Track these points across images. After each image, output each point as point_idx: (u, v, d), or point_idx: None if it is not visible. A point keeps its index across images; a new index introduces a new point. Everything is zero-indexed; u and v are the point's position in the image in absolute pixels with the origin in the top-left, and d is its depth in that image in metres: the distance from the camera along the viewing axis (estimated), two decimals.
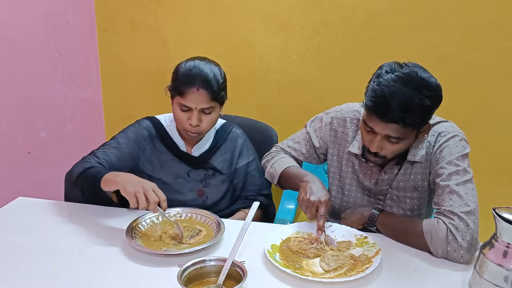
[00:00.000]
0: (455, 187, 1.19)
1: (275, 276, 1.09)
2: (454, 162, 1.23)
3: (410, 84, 1.15)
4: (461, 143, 1.27)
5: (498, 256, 0.97)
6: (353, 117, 1.43)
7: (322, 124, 1.48)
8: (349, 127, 1.43)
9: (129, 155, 1.48)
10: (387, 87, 1.15)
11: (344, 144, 1.44)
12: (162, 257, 1.15)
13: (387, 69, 1.19)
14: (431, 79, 1.18)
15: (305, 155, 1.51)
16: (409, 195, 1.38)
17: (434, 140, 1.30)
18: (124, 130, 1.53)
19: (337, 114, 1.46)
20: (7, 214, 1.37)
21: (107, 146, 1.47)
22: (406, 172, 1.35)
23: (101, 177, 1.28)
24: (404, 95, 1.14)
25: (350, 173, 1.45)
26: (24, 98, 1.94)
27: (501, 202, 1.13)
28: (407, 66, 1.19)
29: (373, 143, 1.23)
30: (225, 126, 1.60)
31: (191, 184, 1.53)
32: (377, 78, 1.19)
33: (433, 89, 1.17)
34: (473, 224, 1.14)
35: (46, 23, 2.01)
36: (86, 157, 1.43)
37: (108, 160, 1.43)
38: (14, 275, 1.06)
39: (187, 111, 1.40)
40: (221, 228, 1.25)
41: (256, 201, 1.24)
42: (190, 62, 1.42)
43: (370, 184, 1.41)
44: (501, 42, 1.94)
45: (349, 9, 2.04)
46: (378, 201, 1.43)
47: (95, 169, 1.33)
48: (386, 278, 1.10)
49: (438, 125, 1.33)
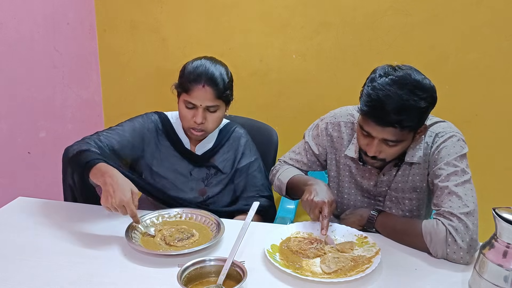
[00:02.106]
0: (454, 188, 1.19)
1: (275, 276, 1.09)
2: (453, 163, 1.23)
3: (405, 86, 1.15)
4: (458, 143, 1.27)
5: (498, 256, 0.97)
6: (347, 121, 1.44)
7: (318, 131, 1.49)
8: (344, 131, 1.43)
9: (131, 144, 1.49)
10: (382, 91, 1.15)
11: (340, 149, 1.45)
12: (162, 257, 1.15)
13: (381, 73, 1.19)
14: (425, 80, 1.18)
15: (307, 164, 1.52)
16: (408, 196, 1.38)
17: (432, 141, 1.30)
18: (131, 119, 1.54)
19: (331, 119, 1.46)
20: (7, 214, 1.37)
21: (112, 131, 1.48)
22: (404, 173, 1.35)
23: (92, 166, 1.25)
24: (399, 98, 1.14)
25: (347, 177, 1.45)
26: (24, 98, 1.94)
27: (501, 202, 1.13)
28: (401, 69, 1.19)
29: (371, 147, 1.23)
30: (228, 126, 1.60)
31: (193, 182, 1.53)
32: (371, 83, 1.19)
33: (427, 91, 1.17)
34: (472, 225, 1.14)
35: (46, 23, 2.01)
36: (88, 137, 1.43)
37: (109, 144, 1.43)
38: (14, 275, 1.06)
39: (192, 108, 1.41)
40: (221, 229, 1.25)
41: (257, 201, 1.24)
42: (197, 61, 1.43)
43: (369, 186, 1.41)
44: (501, 42, 1.94)
45: (349, 9, 2.04)
46: (378, 202, 1.43)
47: (89, 154, 1.30)
48: (386, 278, 1.10)
49: (436, 125, 1.33)
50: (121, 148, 1.46)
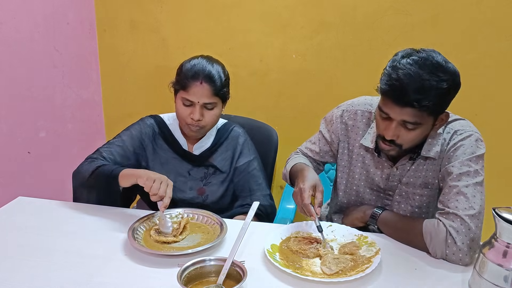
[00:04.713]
0: (464, 189, 1.17)
1: (275, 276, 1.09)
2: (467, 163, 1.21)
3: (426, 67, 1.13)
4: (476, 143, 1.25)
5: (498, 256, 0.97)
6: (365, 109, 1.41)
7: (333, 118, 1.46)
8: (360, 120, 1.41)
9: (132, 153, 1.51)
10: (402, 70, 1.13)
11: (355, 138, 1.41)
12: (162, 257, 1.15)
13: (403, 54, 1.18)
14: (448, 64, 1.16)
15: (319, 154, 1.50)
16: (419, 192, 1.35)
17: (450, 138, 1.28)
18: (128, 128, 1.55)
19: (348, 107, 1.44)
20: (7, 214, 1.37)
21: (112, 144, 1.50)
22: (418, 168, 1.33)
23: (118, 173, 1.32)
24: (419, 77, 1.12)
25: (359, 168, 1.42)
26: (24, 98, 1.94)
27: (501, 202, 1.13)
28: (424, 51, 1.17)
29: (388, 130, 1.20)
30: (227, 125, 1.61)
31: (192, 182, 1.53)
32: (393, 63, 1.17)
33: (449, 73, 1.14)
34: (475, 228, 1.13)
35: (46, 23, 2.01)
36: (92, 156, 1.45)
37: (113, 159, 1.46)
38: (14, 275, 1.06)
39: (190, 105, 1.42)
40: (224, 228, 1.25)
41: (257, 201, 1.24)
42: (195, 59, 1.45)
43: (381, 179, 1.39)
44: (501, 42, 1.94)
45: (349, 9, 2.04)
46: (387, 196, 1.41)
47: (108, 167, 1.37)
48: (386, 278, 1.10)
49: (455, 122, 1.31)
50: (124, 160, 1.49)
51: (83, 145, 2.32)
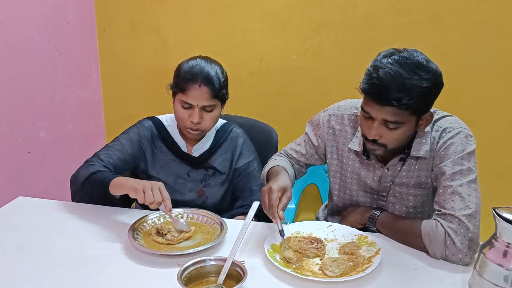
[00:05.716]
0: (458, 188, 1.17)
1: (275, 276, 1.09)
2: (459, 161, 1.21)
3: (407, 66, 1.13)
4: (466, 140, 1.24)
5: (498, 256, 0.97)
6: (351, 113, 1.41)
7: (319, 122, 1.45)
8: (348, 124, 1.40)
9: (131, 156, 1.50)
10: (383, 69, 1.14)
11: (343, 142, 1.41)
12: (162, 257, 1.15)
13: (385, 54, 1.18)
14: (430, 63, 1.16)
15: (305, 156, 1.49)
16: (413, 192, 1.35)
17: (439, 136, 1.27)
18: (126, 131, 1.54)
19: (334, 112, 1.44)
20: (7, 214, 1.37)
21: (110, 148, 1.48)
22: (409, 168, 1.32)
23: (109, 182, 1.30)
24: (399, 75, 1.12)
25: (350, 172, 1.42)
26: (24, 98, 1.94)
27: (501, 202, 1.13)
28: (406, 51, 1.18)
29: (371, 130, 1.20)
30: (226, 126, 1.60)
31: (191, 184, 1.53)
32: (374, 63, 1.18)
33: (431, 72, 1.14)
34: (473, 227, 1.13)
35: (46, 23, 2.01)
36: (90, 160, 1.44)
37: (112, 163, 1.45)
38: (14, 275, 1.06)
39: (189, 108, 1.41)
40: (224, 228, 1.25)
41: (257, 201, 1.24)
42: (192, 61, 1.43)
43: (373, 181, 1.38)
44: (501, 41, 1.94)
45: (349, 9, 2.04)
46: (381, 198, 1.40)
47: (101, 174, 1.35)
48: (386, 278, 1.10)
49: (443, 120, 1.30)
50: (123, 163, 1.47)
51: (83, 145, 2.32)
